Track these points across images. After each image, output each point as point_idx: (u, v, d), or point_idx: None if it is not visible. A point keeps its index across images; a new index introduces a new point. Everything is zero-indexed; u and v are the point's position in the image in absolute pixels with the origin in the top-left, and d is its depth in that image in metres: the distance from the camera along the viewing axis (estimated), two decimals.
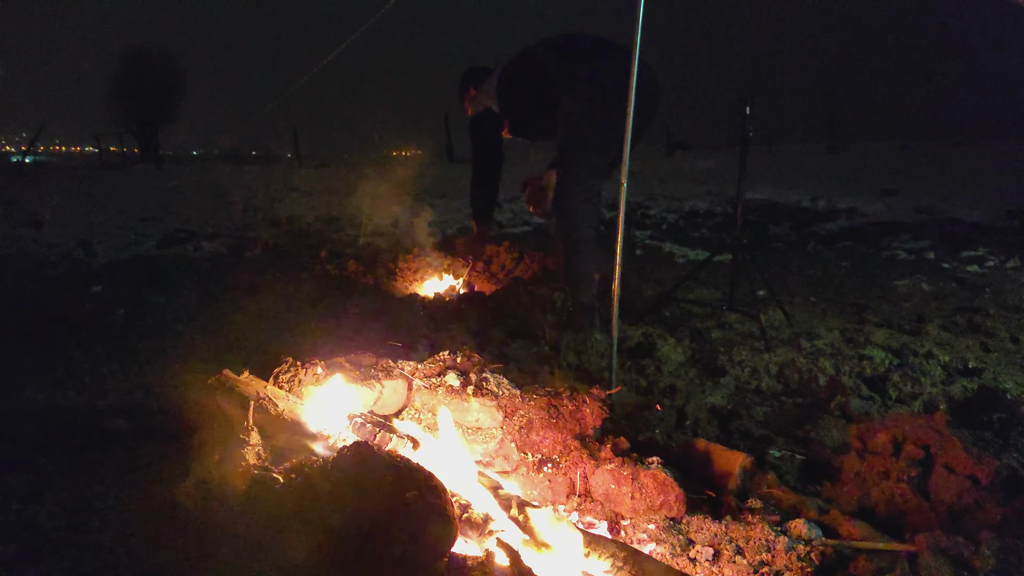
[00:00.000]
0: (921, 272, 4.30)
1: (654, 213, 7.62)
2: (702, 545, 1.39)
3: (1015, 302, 3.51)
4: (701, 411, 2.24)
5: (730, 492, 1.65)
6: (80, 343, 2.85)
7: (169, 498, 1.49)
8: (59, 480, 1.68)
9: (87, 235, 6.01)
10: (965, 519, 1.48)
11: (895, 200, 7.84)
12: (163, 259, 5.08)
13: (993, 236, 5.56)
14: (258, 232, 6.49)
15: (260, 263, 4.94)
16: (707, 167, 13.02)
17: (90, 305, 3.57)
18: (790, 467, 1.87)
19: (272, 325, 3.03)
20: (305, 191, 10.37)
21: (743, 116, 2.85)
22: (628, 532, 1.48)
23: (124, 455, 1.83)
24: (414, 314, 3.15)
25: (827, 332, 3.00)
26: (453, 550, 1.18)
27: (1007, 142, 17.19)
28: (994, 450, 1.70)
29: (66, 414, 2.15)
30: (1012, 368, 2.55)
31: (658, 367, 2.60)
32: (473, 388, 1.85)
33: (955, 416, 2.06)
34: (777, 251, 5.41)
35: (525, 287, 3.50)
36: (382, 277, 4.04)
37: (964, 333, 2.98)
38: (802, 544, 1.35)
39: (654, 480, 1.52)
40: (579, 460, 1.65)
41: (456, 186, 10.98)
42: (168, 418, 2.07)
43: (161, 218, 7.16)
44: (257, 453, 1.42)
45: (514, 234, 6.41)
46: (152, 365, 2.61)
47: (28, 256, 5.09)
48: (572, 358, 2.68)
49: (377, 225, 6.99)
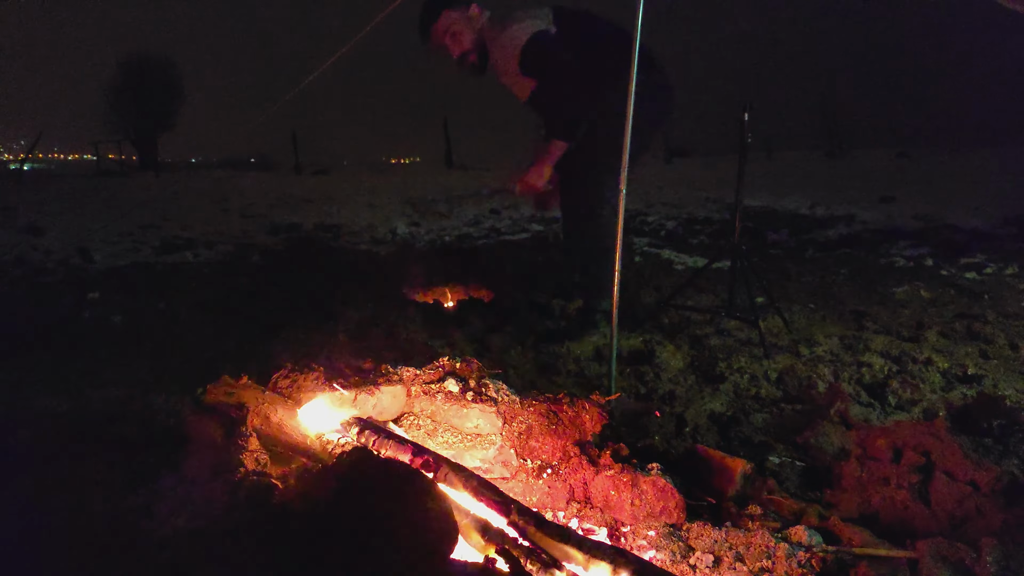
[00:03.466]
0: (920, 279, 4.30)
1: (653, 220, 7.63)
2: (702, 552, 1.39)
3: (1014, 309, 3.52)
4: (701, 417, 2.24)
5: (730, 499, 1.64)
6: (78, 350, 2.84)
7: (168, 505, 1.48)
8: (55, 488, 1.67)
9: (85, 242, 6.00)
10: (966, 525, 1.47)
11: (893, 207, 7.85)
12: (161, 266, 5.08)
13: (991, 243, 5.56)
14: (256, 239, 6.49)
15: (258, 270, 4.94)
16: (705, 174, 13.05)
17: (88, 312, 3.57)
18: (790, 474, 1.86)
19: (270, 331, 3.02)
20: (304, 198, 10.38)
21: (741, 123, 2.85)
22: (628, 539, 1.48)
23: (122, 462, 1.82)
24: (413, 321, 3.15)
25: (826, 339, 3.00)
26: (453, 556, 1.18)
27: (1005, 149, 17.24)
28: (994, 456, 1.70)
29: (63, 421, 2.14)
30: (1011, 375, 2.54)
31: (657, 374, 2.59)
32: (472, 394, 1.85)
33: (955, 423, 2.05)
34: (776, 258, 5.41)
35: (526, 294, 3.50)
36: (381, 283, 4.04)
37: (963, 340, 2.98)
38: (803, 551, 1.35)
39: (654, 486, 1.52)
40: (579, 466, 1.64)
41: (455, 192, 10.99)
42: (166, 425, 2.06)
43: (159, 225, 7.15)
44: (255, 458, 1.42)
45: (513, 241, 6.41)
46: (150, 372, 2.61)
47: (26, 262, 5.08)
48: (572, 365, 2.68)
49: (376, 232, 7.00)
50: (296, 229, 7.13)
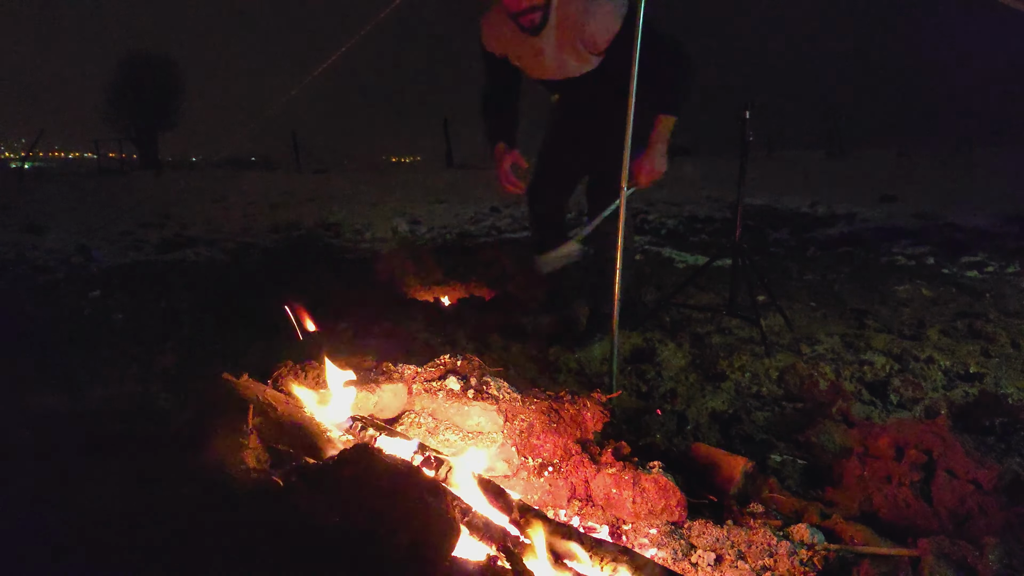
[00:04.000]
0: (921, 277, 4.30)
1: (653, 218, 7.62)
2: (704, 550, 1.39)
3: (1015, 307, 3.51)
4: (702, 416, 2.23)
5: (732, 497, 1.64)
6: (78, 348, 2.84)
7: (168, 503, 1.48)
8: (55, 487, 1.67)
9: (86, 240, 6.00)
10: (968, 523, 1.47)
11: (894, 206, 7.85)
12: (162, 264, 5.07)
13: (992, 241, 5.56)
14: (257, 238, 6.49)
15: (259, 268, 4.94)
16: (706, 172, 13.04)
17: (89, 310, 3.56)
18: (792, 472, 1.86)
19: (271, 329, 3.02)
20: (305, 197, 10.37)
21: (742, 121, 2.85)
22: (629, 537, 1.47)
23: (122, 461, 1.82)
24: (413, 319, 3.15)
25: (827, 337, 3.00)
26: (455, 554, 1.17)
27: (1006, 148, 17.23)
28: (996, 455, 1.70)
29: (64, 420, 2.14)
30: (1013, 373, 2.54)
31: (658, 372, 2.59)
32: (474, 392, 1.84)
33: (957, 421, 2.05)
34: (777, 256, 5.40)
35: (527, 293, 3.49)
36: (382, 282, 4.03)
37: (965, 338, 2.98)
38: (805, 549, 1.35)
39: (655, 485, 1.52)
40: (580, 464, 1.64)
41: (456, 191, 10.99)
42: (167, 423, 2.06)
43: (160, 224, 7.15)
44: (257, 456, 1.41)
45: (514, 239, 6.41)
46: (151, 370, 2.60)
47: (27, 261, 5.08)
48: (573, 363, 2.67)
49: (377, 230, 7.00)
50: (297, 228, 7.13)
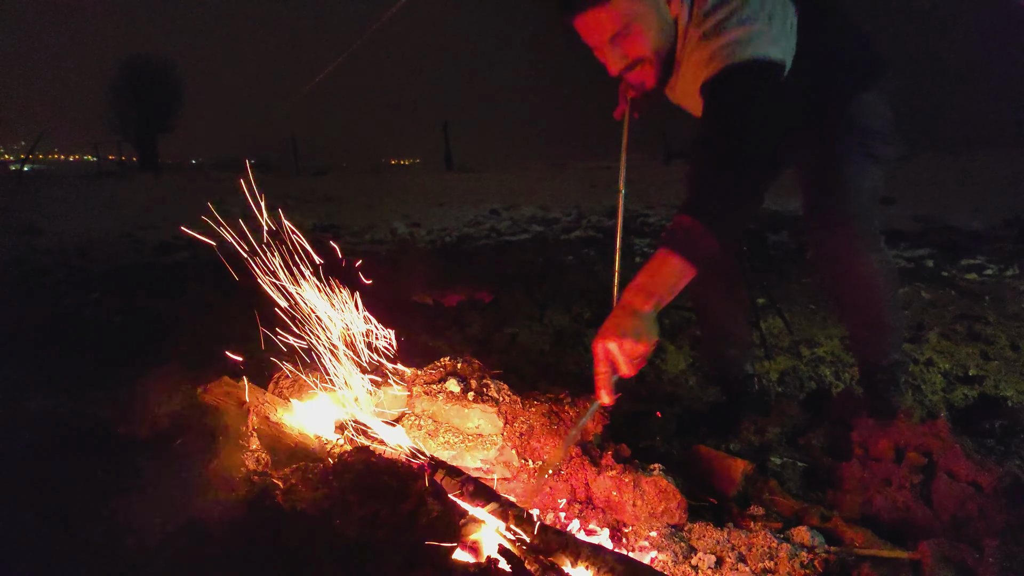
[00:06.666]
0: (920, 280, 4.30)
1: (653, 221, 7.63)
2: (704, 552, 1.38)
3: (1014, 310, 3.51)
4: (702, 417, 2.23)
5: (732, 499, 1.64)
6: (78, 350, 2.84)
7: (168, 503, 1.48)
8: (54, 487, 1.67)
9: (85, 242, 6.00)
10: (968, 526, 1.47)
11: (893, 208, 7.85)
12: (161, 266, 5.07)
13: (992, 244, 5.57)
14: (256, 240, 6.48)
15: (258, 269, 4.93)
16: None
17: (88, 312, 3.56)
18: (792, 474, 1.86)
19: (271, 331, 3.02)
20: (303, 199, 10.37)
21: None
22: (630, 539, 1.47)
23: (122, 462, 1.82)
24: (413, 321, 3.14)
25: (827, 340, 3.00)
26: (455, 556, 1.17)
27: (1005, 150, 17.24)
28: (996, 457, 1.70)
29: (63, 422, 2.14)
30: (1012, 376, 2.54)
31: (658, 374, 2.59)
32: (474, 394, 1.84)
33: (956, 423, 2.05)
34: (776, 259, 5.41)
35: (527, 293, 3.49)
36: (381, 284, 4.03)
37: (964, 341, 2.98)
38: (805, 551, 1.34)
39: (656, 487, 1.52)
40: (580, 467, 1.63)
41: (455, 194, 10.99)
42: (166, 425, 2.05)
43: (159, 226, 7.15)
44: (256, 459, 1.41)
45: (513, 242, 6.41)
46: (150, 372, 2.60)
47: (26, 263, 5.08)
48: (573, 366, 2.67)
49: (376, 232, 7.00)
50: (296, 230, 7.13)
